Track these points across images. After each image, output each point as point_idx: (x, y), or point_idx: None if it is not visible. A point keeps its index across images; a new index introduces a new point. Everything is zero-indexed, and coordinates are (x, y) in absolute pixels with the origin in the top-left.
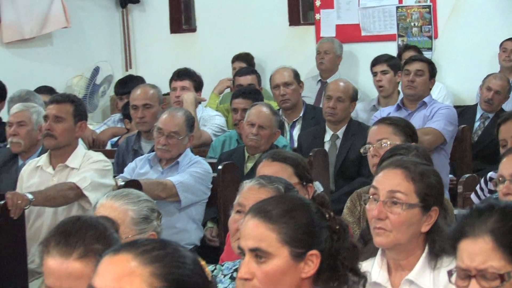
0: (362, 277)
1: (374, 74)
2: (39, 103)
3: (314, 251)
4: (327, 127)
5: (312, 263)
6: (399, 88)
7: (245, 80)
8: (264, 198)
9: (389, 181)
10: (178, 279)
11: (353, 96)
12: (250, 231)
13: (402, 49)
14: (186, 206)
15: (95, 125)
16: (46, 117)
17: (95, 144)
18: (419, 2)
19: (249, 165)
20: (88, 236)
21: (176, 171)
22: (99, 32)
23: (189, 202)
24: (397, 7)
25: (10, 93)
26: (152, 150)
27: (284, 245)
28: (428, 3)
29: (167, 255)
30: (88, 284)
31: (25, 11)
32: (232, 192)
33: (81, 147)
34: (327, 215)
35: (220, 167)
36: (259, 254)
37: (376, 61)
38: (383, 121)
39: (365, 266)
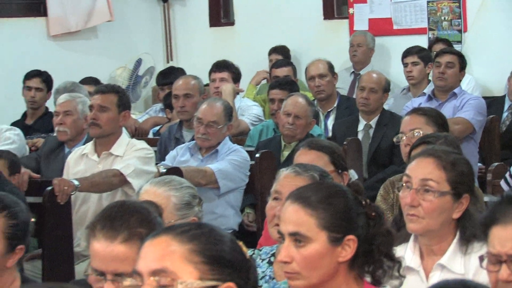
0: (397, 262)
1: (405, 65)
2: (84, 94)
3: (351, 236)
4: (360, 117)
5: (349, 247)
6: (430, 77)
7: (282, 71)
8: (300, 185)
9: (421, 170)
10: (216, 254)
11: (386, 87)
12: (290, 216)
13: (433, 42)
14: (225, 193)
15: (137, 115)
16: (91, 107)
17: (137, 133)
18: None
19: (285, 153)
20: (132, 221)
21: (216, 159)
22: (141, 26)
23: (227, 188)
24: (428, 2)
25: (56, 84)
26: (193, 139)
27: (322, 230)
28: None
29: (203, 234)
30: (132, 269)
31: (71, 5)
32: (269, 179)
33: (125, 135)
34: (363, 202)
35: (257, 155)
36: (298, 238)
37: (407, 53)
38: (416, 111)
39: (398, 251)
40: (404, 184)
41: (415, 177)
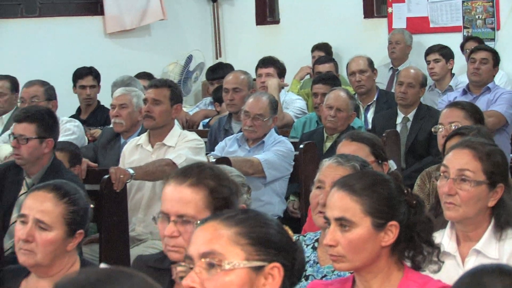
0: (436, 248)
1: (428, 62)
2: (139, 88)
3: (393, 222)
4: (398, 111)
5: (391, 233)
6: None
7: (324, 67)
8: (342, 175)
9: (458, 160)
10: (261, 236)
11: (423, 82)
12: (336, 202)
13: (465, 40)
14: (271, 181)
15: (188, 108)
16: (145, 100)
17: (188, 125)
18: None
19: (328, 144)
20: (203, 172)
21: (262, 150)
22: (192, 24)
23: (273, 177)
24: (463, 1)
25: (112, 79)
26: (241, 130)
27: (366, 216)
28: None
29: (249, 218)
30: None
31: (126, 5)
32: (312, 168)
33: (177, 127)
34: (405, 191)
35: (301, 146)
36: (343, 223)
37: (429, 51)
38: (455, 105)
39: (435, 237)
40: (441, 174)
41: (453, 167)
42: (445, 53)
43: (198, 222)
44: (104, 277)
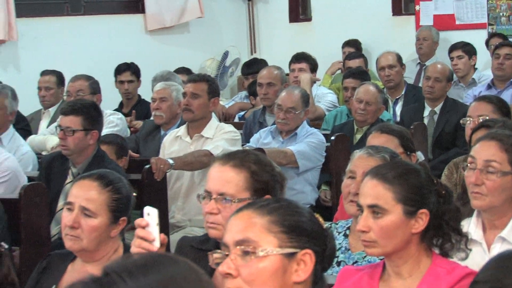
0: (464, 236)
1: (451, 58)
2: (177, 82)
3: (423, 210)
4: (426, 104)
5: (421, 220)
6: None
7: (354, 63)
8: (372, 165)
9: (485, 152)
10: (293, 224)
11: (449, 77)
12: (369, 190)
13: (490, 36)
14: (303, 171)
15: (224, 101)
16: (184, 94)
17: (224, 117)
18: None
19: (358, 136)
20: (247, 156)
21: (295, 141)
22: (228, 22)
23: (306, 168)
24: (488, 0)
25: (153, 74)
26: (274, 123)
27: (398, 203)
28: None
29: (281, 206)
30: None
31: (166, 3)
32: (343, 159)
33: (214, 119)
34: (434, 181)
35: (332, 138)
36: (376, 210)
37: (453, 48)
38: (483, 99)
39: (462, 225)
40: (469, 165)
41: (479, 158)
42: (468, 49)
43: (236, 200)
44: (151, 262)
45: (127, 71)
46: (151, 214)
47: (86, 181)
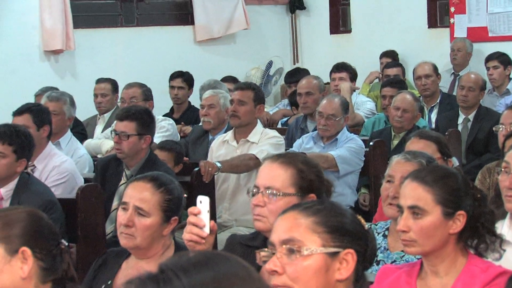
0: (499, 238)
1: (487, 68)
2: (224, 90)
3: (461, 212)
4: (460, 112)
5: (459, 221)
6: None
7: (392, 72)
8: (409, 170)
9: None
10: (336, 225)
11: (482, 86)
12: (410, 192)
13: None
14: (344, 175)
15: (268, 108)
16: (231, 101)
17: (268, 123)
18: None
19: (395, 142)
20: (296, 157)
21: (335, 146)
22: (272, 33)
23: (346, 171)
24: None
25: (201, 82)
26: (315, 129)
27: (437, 205)
28: None
29: (325, 208)
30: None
31: (214, 15)
32: (381, 163)
33: (259, 125)
34: (471, 185)
35: (371, 143)
36: (416, 211)
37: (489, 58)
38: None
39: (496, 227)
40: (503, 170)
41: None
42: (503, 60)
43: (281, 194)
44: (204, 259)
45: (179, 78)
46: (203, 202)
47: (141, 183)
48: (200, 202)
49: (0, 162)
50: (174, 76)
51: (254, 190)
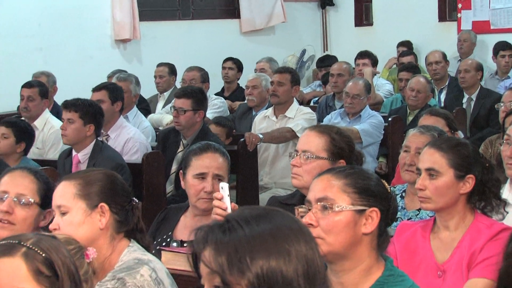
0: (503, 201)
1: (503, 56)
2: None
3: (471, 175)
4: (464, 93)
5: (468, 184)
6: None
7: (406, 59)
8: (424, 142)
9: None
10: (364, 186)
11: (477, 68)
12: (428, 157)
13: None
14: (366, 146)
15: (301, 88)
16: (272, 83)
17: (302, 102)
18: None
19: (410, 118)
20: (331, 127)
21: (359, 121)
22: (306, 25)
23: (368, 143)
24: None
25: (246, 67)
26: (342, 107)
27: (450, 168)
28: None
29: (354, 172)
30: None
31: (257, 10)
32: (398, 136)
33: (295, 103)
34: (481, 154)
35: (390, 119)
36: (432, 172)
37: (504, 47)
38: None
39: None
40: (505, 141)
41: None
42: None
43: (314, 157)
44: (263, 213)
45: (230, 61)
46: (224, 188)
47: (213, 154)
48: (222, 188)
49: (70, 126)
50: (227, 59)
51: (294, 153)
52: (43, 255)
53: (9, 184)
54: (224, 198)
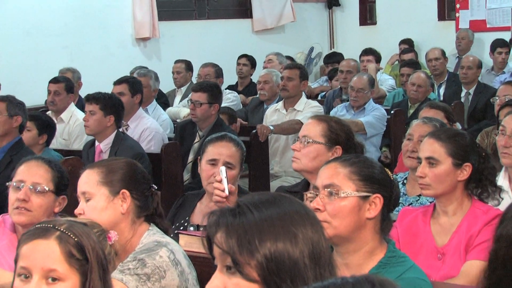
0: (498, 188)
1: (500, 53)
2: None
3: (467, 164)
4: (462, 87)
5: (465, 171)
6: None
7: (407, 56)
8: (426, 131)
9: None
10: (368, 174)
11: (478, 65)
12: (427, 146)
13: None
14: (370, 136)
15: (309, 83)
16: (282, 78)
17: (310, 96)
18: None
19: (411, 111)
20: (331, 117)
21: (363, 114)
22: (314, 25)
23: (371, 134)
24: None
25: (258, 64)
26: (347, 100)
27: (449, 156)
28: None
29: (359, 161)
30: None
31: (268, 10)
32: (399, 128)
33: (304, 97)
34: (477, 144)
35: (392, 112)
36: (431, 161)
37: (501, 44)
38: (509, 83)
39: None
40: (500, 132)
41: (509, 127)
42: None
43: (312, 141)
44: (272, 199)
45: (244, 58)
46: (222, 172)
47: (227, 143)
48: (221, 171)
49: (91, 118)
50: (241, 56)
51: (296, 139)
52: (75, 239)
53: (25, 174)
54: (223, 180)
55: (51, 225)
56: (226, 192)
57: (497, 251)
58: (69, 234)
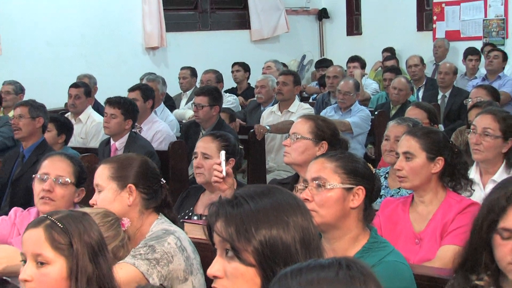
0: (470, 181)
1: (470, 60)
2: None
3: (440, 158)
4: (439, 91)
5: (439, 164)
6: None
7: (390, 62)
8: (401, 131)
9: (483, 121)
10: (352, 168)
11: (455, 71)
12: (404, 142)
13: (483, 45)
14: (356, 135)
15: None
16: (277, 83)
17: (302, 98)
18: (497, 16)
19: (393, 111)
20: (318, 116)
21: (350, 115)
22: (306, 35)
23: (357, 133)
24: (483, 20)
25: (255, 70)
26: (335, 103)
27: (423, 151)
28: (502, 17)
29: (344, 156)
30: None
31: (265, 22)
32: (383, 127)
33: (297, 100)
34: (450, 141)
35: (376, 113)
36: (408, 156)
37: (472, 52)
38: (480, 86)
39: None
40: (471, 131)
41: (479, 126)
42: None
43: (300, 137)
44: (266, 190)
45: (237, 65)
46: (221, 155)
47: (207, 137)
48: (220, 155)
49: (113, 121)
50: (233, 64)
51: (287, 136)
52: (61, 226)
53: (49, 167)
54: (221, 163)
55: (48, 216)
56: (223, 173)
57: (478, 218)
58: (56, 222)
